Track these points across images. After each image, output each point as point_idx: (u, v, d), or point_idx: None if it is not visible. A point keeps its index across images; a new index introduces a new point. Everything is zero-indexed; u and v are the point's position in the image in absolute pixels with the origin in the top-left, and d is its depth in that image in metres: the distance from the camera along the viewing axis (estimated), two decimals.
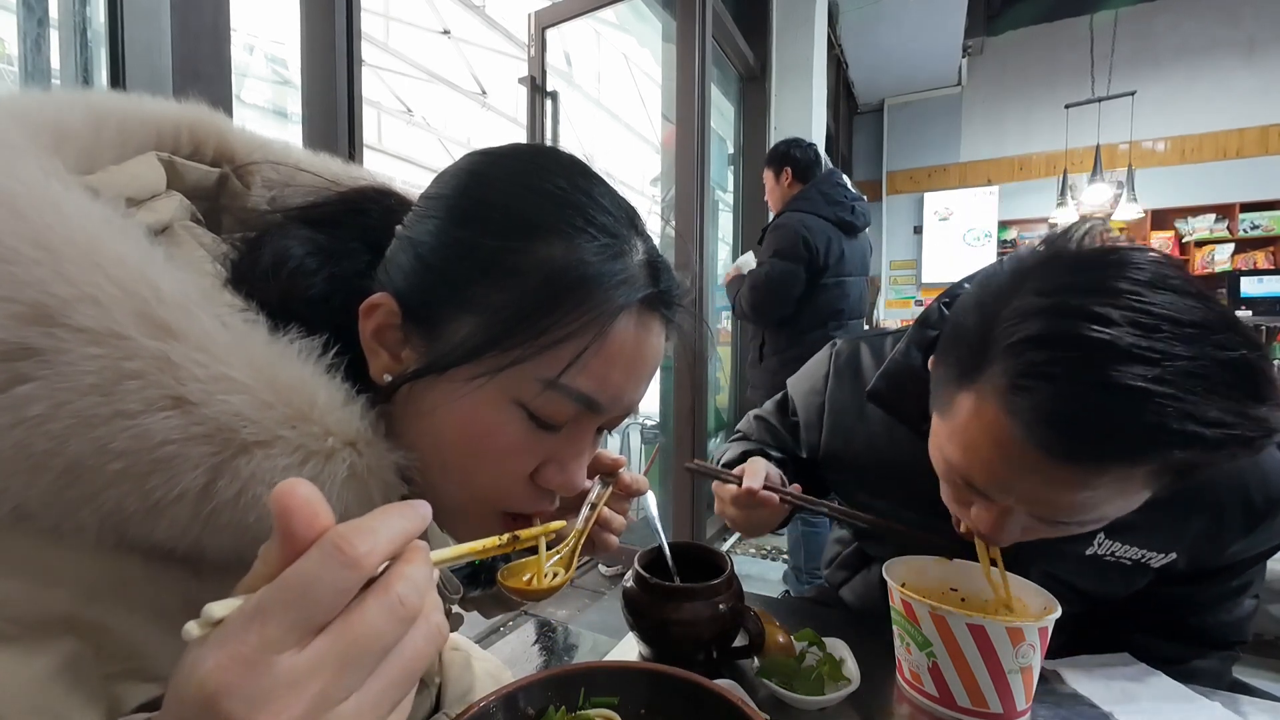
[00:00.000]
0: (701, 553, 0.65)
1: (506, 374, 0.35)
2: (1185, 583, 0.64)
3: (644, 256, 0.39)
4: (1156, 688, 0.57)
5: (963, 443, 0.50)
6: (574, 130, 4.89)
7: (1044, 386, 0.43)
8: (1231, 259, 4.83)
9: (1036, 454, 0.44)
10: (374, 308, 0.37)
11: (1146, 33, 5.06)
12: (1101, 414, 0.41)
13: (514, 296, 0.35)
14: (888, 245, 6.01)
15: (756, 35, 3.23)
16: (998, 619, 0.50)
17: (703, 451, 2.36)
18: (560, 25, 2.64)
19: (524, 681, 0.42)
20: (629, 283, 0.36)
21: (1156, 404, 0.39)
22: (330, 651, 0.20)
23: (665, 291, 0.39)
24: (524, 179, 0.38)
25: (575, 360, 0.35)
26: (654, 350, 0.40)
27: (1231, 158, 4.90)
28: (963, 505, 0.55)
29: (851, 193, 2.14)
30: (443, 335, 0.36)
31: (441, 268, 0.36)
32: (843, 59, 4.91)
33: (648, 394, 0.44)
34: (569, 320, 0.34)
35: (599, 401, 0.37)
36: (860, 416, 0.74)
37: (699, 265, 2.27)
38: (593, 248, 0.36)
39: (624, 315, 0.36)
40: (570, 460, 0.39)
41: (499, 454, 0.37)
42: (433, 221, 0.37)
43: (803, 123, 3.21)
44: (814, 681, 0.55)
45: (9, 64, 0.89)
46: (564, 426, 0.38)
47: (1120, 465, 0.43)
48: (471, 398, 0.36)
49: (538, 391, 0.35)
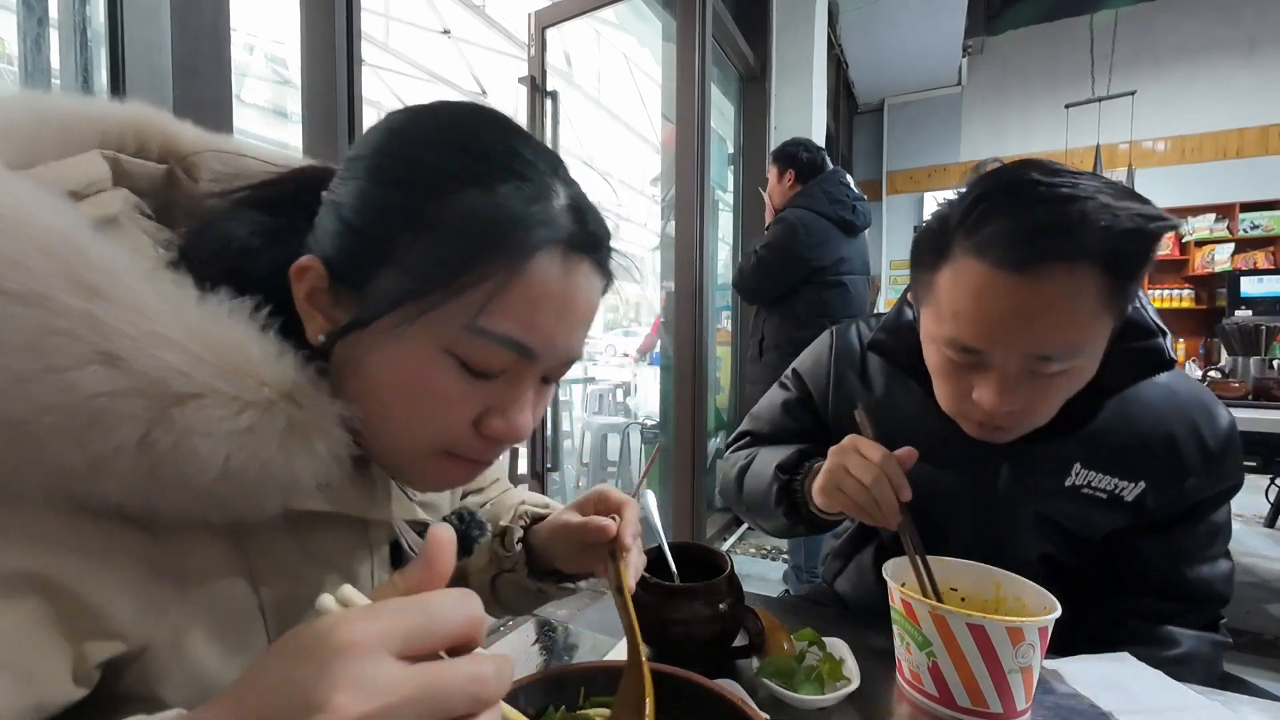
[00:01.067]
0: (701, 553, 0.65)
1: (432, 322, 0.36)
2: (1159, 531, 0.69)
3: (567, 201, 0.39)
4: (1157, 688, 0.57)
5: (950, 310, 0.59)
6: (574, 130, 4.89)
7: (995, 219, 0.55)
8: (1231, 259, 4.83)
9: (1002, 277, 0.55)
10: (302, 271, 0.38)
11: (1146, 33, 5.06)
12: (1041, 220, 0.53)
13: (430, 245, 0.35)
14: (888, 245, 6.01)
15: (756, 35, 3.23)
16: (998, 619, 0.50)
17: (702, 451, 2.36)
18: (560, 25, 2.64)
19: (524, 681, 0.42)
20: (547, 224, 0.37)
21: (1080, 200, 0.52)
22: (417, 678, 0.22)
23: (592, 235, 0.39)
24: (440, 133, 0.38)
25: (489, 302, 0.35)
26: (584, 295, 0.40)
27: (1231, 158, 4.90)
28: (964, 397, 0.62)
29: (854, 192, 2.16)
30: (368, 291, 0.37)
31: (362, 226, 0.37)
32: (843, 59, 4.91)
33: (648, 394, 0.44)
34: (484, 263, 0.35)
35: (529, 346, 0.38)
36: (863, 377, 0.82)
37: (699, 265, 2.27)
38: (507, 191, 0.36)
39: (543, 256, 0.37)
40: (512, 409, 0.40)
41: (436, 403, 0.38)
42: (353, 183, 0.38)
43: (803, 123, 3.21)
44: (814, 681, 0.55)
45: (9, 64, 0.89)
46: (502, 375, 0.39)
47: (1065, 261, 0.53)
48: (403, 349, 0.36)
49: (465, 338, 0.36)
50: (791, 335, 2.10)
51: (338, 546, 0.43)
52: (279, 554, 0.39)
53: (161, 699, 0.34)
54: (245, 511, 0.34)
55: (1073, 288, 0.54)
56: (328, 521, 0.41)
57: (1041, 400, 0.60)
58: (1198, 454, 0.67)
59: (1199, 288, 5.04)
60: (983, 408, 0.60)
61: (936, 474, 0.71)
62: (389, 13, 4.71)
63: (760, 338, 2.23)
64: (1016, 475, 0.70)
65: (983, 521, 0.73)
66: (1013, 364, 0.58)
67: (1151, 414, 0.68)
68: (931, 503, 0.70)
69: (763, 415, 0.93)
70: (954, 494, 0.73)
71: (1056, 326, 0.55)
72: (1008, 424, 0.62)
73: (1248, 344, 2.25)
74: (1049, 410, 0.62)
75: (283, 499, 0.35)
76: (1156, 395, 0.69)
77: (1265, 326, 2.24)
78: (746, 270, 2.12)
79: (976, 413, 0.62)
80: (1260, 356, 2.11)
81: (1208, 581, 0.69)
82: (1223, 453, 0.68)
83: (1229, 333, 2.31)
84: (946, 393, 0.66)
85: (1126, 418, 0.68)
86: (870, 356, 0.82)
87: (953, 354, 0.61)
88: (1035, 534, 0.71)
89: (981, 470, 0.72)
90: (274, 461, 0.33)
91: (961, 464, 0.72)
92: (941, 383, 0.66)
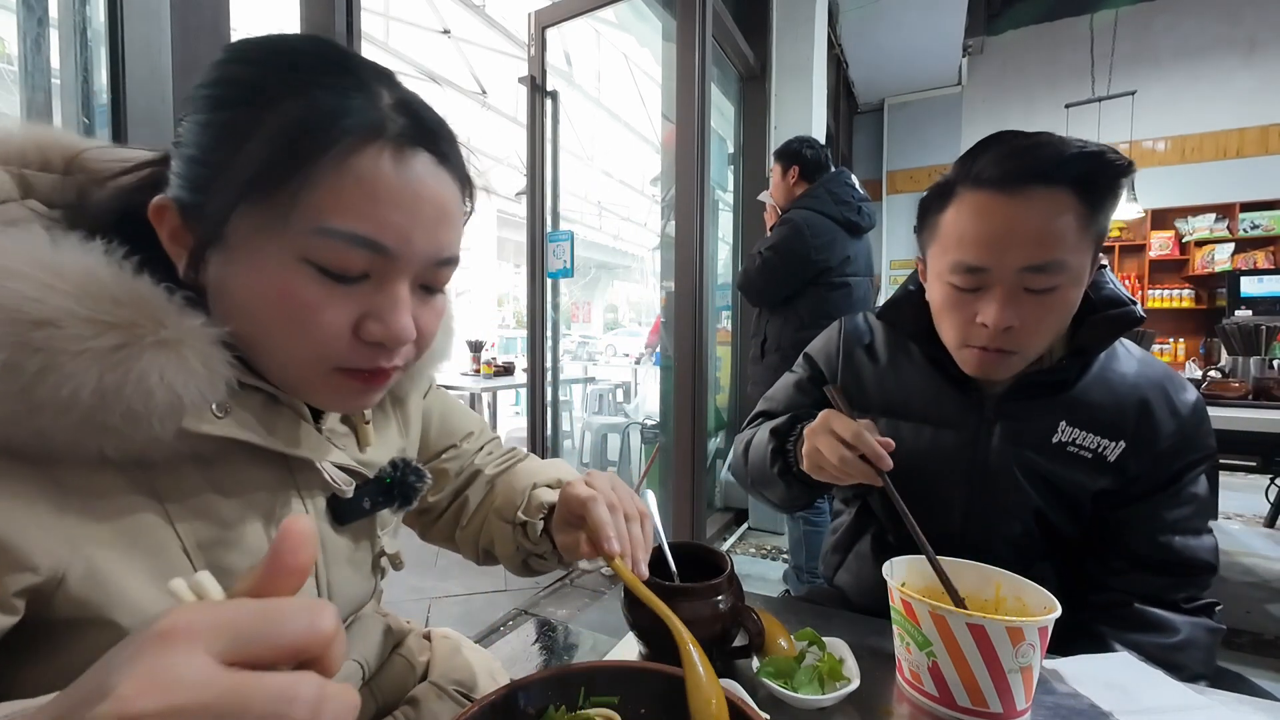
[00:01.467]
0: (701, 552, 0.65)
1: (279, 232, 0.37)
2: (1143, 499, 0.74)
3: (393, 100, 0.40)
4: (1157, 688, 0.57)
5: (955, 238, 0.69)
6: (574, 130, 4.89)
7: (988, 151, 0.68)
8: (1231, 259, 4.83)
9: (995, 199, 0.66)
10: (159, 213, 0.40)
11: (1146, 32, 5.06)
12: (1022, 145, 0.67)
13: (252, 153, 0.37)
14: (888, 245, 6.01)
15: (756, 35, 3.22)
16: (998, 618, 0.50)
17: (702, 451, 2.36)
18: (560, 25, 2.64)
19: (524, 681, 0.42)
20: (364, 117, 0.38)
21: (1056, 138, 0.66)
22: (220, 684, 0.20)
23: (424, 128, 0.40)
24: (258, 55, 0.40)
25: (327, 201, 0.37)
26: (429, 189, 0.40)
27: (1231, 157, 4.90)
28: (968, 323, 0.71)
29: (859, 193, 2.14)
30: (210, 212, 0.38)
31: (198, 154, 0.39)
32: (843, 58, 4.91)
33: (648, 393, 0.44)
34: (306, 162, 0.36)
35: (380, 242, 0.39)
36: (869, 351, 0.89)
37: (699, 265, 2.27)
38: (321, 94, 0.38)
39: (371, 151, 0.38)
40: (387, 312, 0.40)
41: (304, 312, 0.39)
42: (187, 120, 0.40)
43: (803, 122, 3.21)
44: (814, 682, 0.55)
45: (9, 64, 0.89)
46: (368, 278, 0.40)
47: (1045, 184, 0.64)
48: (260, 263, 0.38)
49: (314, 241, 0.37)
50: (794, 337, 2.08)
51: (255, 484, 0.44)
52: (186, 487, 0.40)
53: (118, 623, 0.36)
54: (137, 435, 0.35)
55: (1054, 208, 0.65)
56: (238, 454, 0.42)
57: (1035, 320, 0.68)
58: (1170, 418, 0.74)
59: (1199, 288, 5.04)
60: (985, 326, 0.68)
61: (935, 433, 0.80)
62: (389, 13, 4.71)
63: (763, 339, 2.22)
64: (1008, 431, 0.77)
65: (979, 478, 0.78)
66: (1009, 279, 0.67)
67: (1128, 382, 0.76)
68: (930, 461, 0.80)
69: (777, 396, 0.98)
70: (952, 453, 0.79)
71: (1044, 240, 0.65)
72: (1007, 344, 0.69)
73: (1248, 344, 2.25)
74: (1041, 334, 0.69)
75: (174, 419, 0.36)
76: (1130, 368, 0.77)
77: (1265, 326, 2.23)
78: (752, 272, 2.11)
79: (979, 338, 0.70)
80: (1260, 356, 2.10)
81: (1194, 551, 0.72)
82: (1194, 421, 0.75)
83: (1229, 333, 2.30)
84: (951, 324, 0.73)
85: (1105, 382, 0.76)
86: (875, 334, 0.90)
87: (957, 279, 0.70)
88: (1027, 490, 0.76)
89: (976, 429, 0.78)
90: (149, 377, 0.34)
91: (958, 424, 0.79)
92: (946, 317, 0.74)
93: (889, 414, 0.84)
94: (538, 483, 0.63)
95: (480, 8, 4.51)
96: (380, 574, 0.57)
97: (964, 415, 0.79)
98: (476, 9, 4.51)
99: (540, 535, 0.60)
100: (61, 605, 0.35)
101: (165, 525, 0.39)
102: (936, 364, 0.81)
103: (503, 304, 13.44)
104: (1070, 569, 0.78)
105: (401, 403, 0.61)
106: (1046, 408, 0.75)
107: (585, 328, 7.19)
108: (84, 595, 0.35)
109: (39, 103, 0.87)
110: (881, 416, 0.85)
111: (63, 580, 0.34)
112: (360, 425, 0.53)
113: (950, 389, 0.80)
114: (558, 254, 2.61)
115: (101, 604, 0.36)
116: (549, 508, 0.60)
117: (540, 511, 0.60)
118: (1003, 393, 0.77)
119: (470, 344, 4.05)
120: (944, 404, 0.80)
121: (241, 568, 0.42)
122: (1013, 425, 0.76)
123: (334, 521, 0.49)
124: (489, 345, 4.19)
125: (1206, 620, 0.71)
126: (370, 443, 0.54)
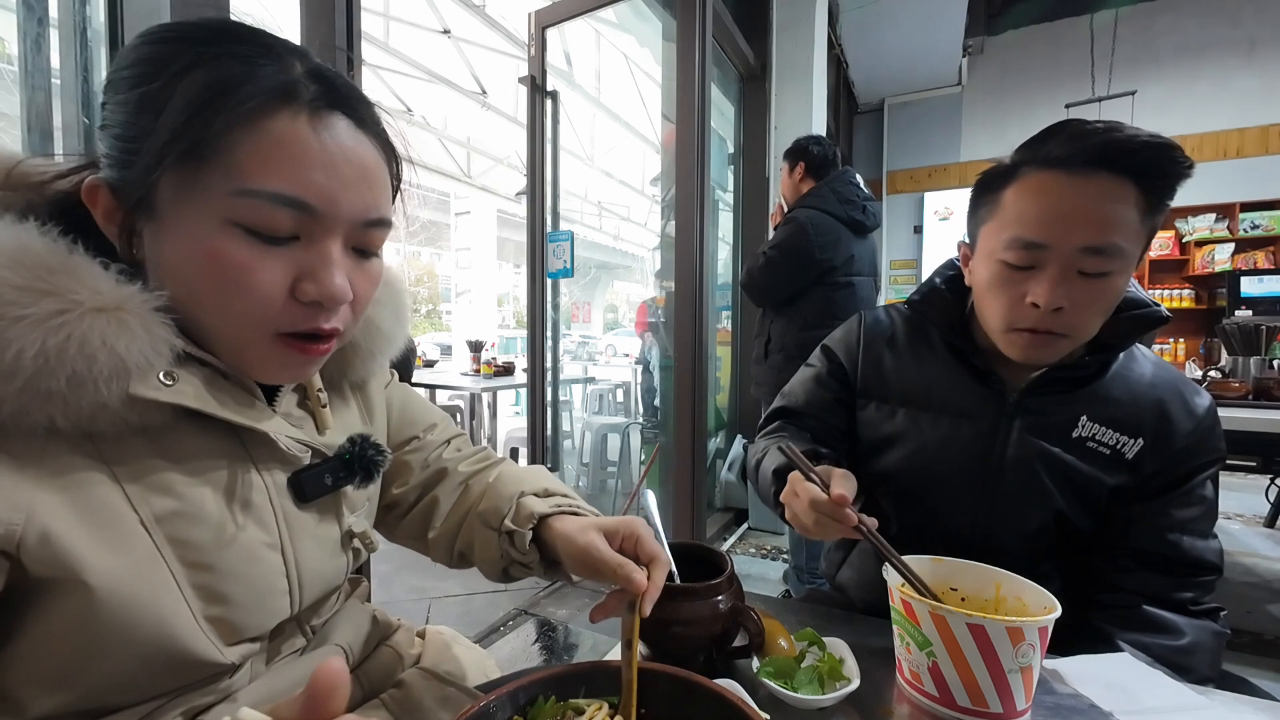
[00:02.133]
0: (701, 552, 0.65)
1: (202, 198, 0.39)
2: (1155, 497, 0.74)
3: (304, 69, 0.41)
4: (1157, 688, 0.57)
5: (1015, 214, 0.70)
6: (574, 130, 4.89)
7: (1058, 136, 0.68)
8: (1232, 259, 4.83)
9: (1063, 178, 0.67)
10: (92, 194, 0.41)
11: (1147, 32, 5.06)
12: (1096, 132, 0.66)
13: (169, 121, 0.38)
14: (888, 245, 6.01)
15: (756, 35, 3.23)
16: (998, 618, 0.50)
17: (702, 451, 2.36)
18: (560, 25, 2.64)
19: (524, 681, 0.42)
20: (272, 81, 0.39)
21: (1128, 128, 0.66)
22: None
23: (338, 92, 0.42)
24: (171, 35, 0.41)
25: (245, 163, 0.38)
26: (349, 149, 0.42)
27: (1231, 158, 4.90)
28: (1016, 303, 0.71)
29: (864, 192, 2.14)
30: (133, 181, 0.40)
31: (120, 133, 0.40)
32: (843, 58, 4.91)
33: (648, 394, 0.45)
34: (218, 124, 0.38)
35: (305, 201, 0.40)
36: (890, 343, 0.90)
37: (699, 265, 2.27)
38: (231, 63, 0.39)
39: (287, 114, 0.40)
40: (320, 270, 0.42)
41: (237, 274, 0.40)
42: (109, 104, 0.41)
43: (803, 122, 3.21)
44: (814, 682, 0.55)
45: (9, 63, 0.89)
46: (298, 238, 0.42)
47: (1111, 172, 0.65)
48: (189, 229, 0.39)
49: (238, 204, 0.39)
50: (799, 337, 2.08)
51: (206, 454, 0.44)
52: (136, 459, 0.41)
53: (87, 583, 0.37)
54: (84, 401, 0.36)
55: (1118, 193, 0.66)
56: (188, 425, 0.43)
57: (1086, 304, 0.68)
58: (1186, 418, 0.75)
59: (1199, 288, 5.03)
60: (1036, 307, 0.69)
61: (955, 424, 0.80)
62: (389, 13, 4.71)
63: (766, 339, 2.21)
64: (1029, 425, 0.76)
65: (997, 471, 0.78)
66: (1065, 259, 0.67)
67: (1145, 382, 0.77)
68: (949, 452, 0.80)
69: (795, 390, 0.97)
70: (971, 444, 0.79)
71: (1106, 222, 0.66)
72: (1056, 326, 0.69)
73: (1248, 344, 2.25)
74: (1089, 319, 0.70)
75: (120, 383, 0.37)
76: (1147, 370, 0.78)
77: (1265, 326, 2.23)
78: (756, 271, 2.10)
79: (1027, 319, 0.70)
80: (1260, 356, 2.10)
81: (1201, 552, 0.73)
82: (1208, 423, 0.75)
83: (1229, 333, 2.30)
84: (998, 305, 0.73)
85: (1125, 381, 0.77)
86: (895, 327, 0.91)
87: (1012, 256, 0.70)
88: (1046, 484, 0.75)
89: (997, 421, 0.78)
90: (90, 341, 0.36)
91: (978, 416, 0.79)
92: (994, 298, 0.74)
93: (908, 404, 0.85)
94: (525, 491, 0.62)
95: (480, 8, 4.51)
96: (353, 555, 0.56)
97: (984, 408, 0.79)
98: (476, 9, 4.51)
99: (529, 545, 0.59)
100: (33, 569, 0.36)
101: (121, 498, 0.40)
102: (959, 356, 0.82)
103: (503, 304, 13.44)
104: (1077, 568, 0.78)
105: (360, 388, 0.62)
106: (1068, 402, 0.76)
107: (585, 328, 7.19)
108: (44, 559, 0.36)
109: (39, 103, 0.87)
110: (901, 407, 0.85)
111: (20, 545, 0.35)
112: (317, 409, 0.54)
113: (972, 381, 0.80)
114: (558, 254, 2.61)
115: (66, 567, 0.36)
116: (538, 518, 0.59)
117: (530, 521, 0.59)
118: (1024, 386, 0.77)
119: (470, 344, 4.05)
120: (965, 396, 0.80)
121: (206, 542, 0.43)
122: (1034, 419, 0.76)
123: (296, 499, 0.50)
124: (489, 345, 4.19)
125: (1212, 624, 0.71)
126: (329, 426, 0.54)
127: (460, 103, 6.03)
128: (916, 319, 0.90)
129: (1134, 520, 0.74)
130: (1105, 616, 0.72)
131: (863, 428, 0.90)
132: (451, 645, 0.69)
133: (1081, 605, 0.74)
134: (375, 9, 4.53)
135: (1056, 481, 0.75)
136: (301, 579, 0.50)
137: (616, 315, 14.22)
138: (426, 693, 0.59)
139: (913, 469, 0.82)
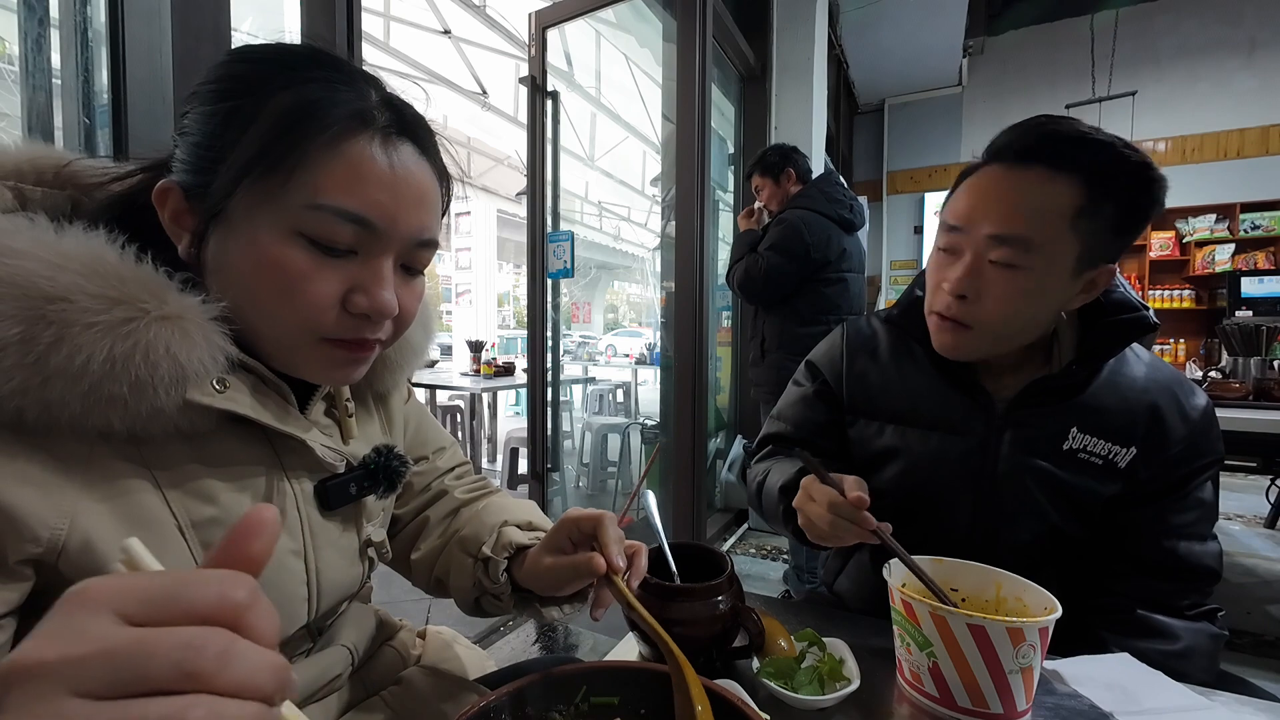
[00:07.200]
0: (702, 552, 0.65)
1: (274, 208, 0.41)
2: (1151, 502, 0.73)
3: (379, 98, 0.44)
4: (1157, 688, 0.57)
5: (953, 200, 0.72)
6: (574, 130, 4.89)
7: (1012, 129, 0.69)
8: (1232, 259, 4.83)
9: (996, 169, 0.68)
10: (163, 196, 0.43)
11: (1147, 33, 5.06)
12: (1044, 127, 0.67)
13: (254, 136, 0.41)
14: (888, 245, 6.01)
15: (756, 35, 3.23)
16: (998, 619, 0.50)
17: (702, 451, 2.36)
18: (560, 25, 2.64)
19: (524, 681, 0.42)
20: (354, 107, 0.42)
21: (1075, 122, 0.66)
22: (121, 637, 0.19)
23: (407, 121, 0.45)
24: (261, 56, 0.44)
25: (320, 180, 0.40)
26: (412, 175, 0.44)
27: (1232, 158, 4.90)
28: (936, 285, 0.73)
29: (849, 191, 2.22)
30: (213, 190, 0.42)
31: (202, 139, 0.42)
32: (843, 59, 4.91)
33: (648, 393, 0.45)
34: (302, 143, 0.40)
35: (368, 219, 0.42)
36: (873, 355, 0.88)
37: (699, 265, 2.27)
38: (316, 88, 0.42)
39: (362, 139, 0.42)
40: (373, 285, 0.44)
41: (294, 282, 0.42)
42: (193, 112, 0.43)
43: (803, 123, 3.21)
44: (814, 682, 0.55)
45: (9, 64, 0.89)
46: (356, 252, 0.43)
47: (1049, 166, 0.65)
48: (256, 236, 0.41)
49: (307, 215, 0.41)
50: (795, 332, 2.11)
51: (245, 460, 0.45)
52: (177, 463, 0.42)
53: None
54: (142, 406, 0.37)
55: (1048, 189, 0.65)
56: (230, 434, 0.44)
57: (991, 296, 0.68)
58: (1180, 422, 0.72)
59: (1199, 288, 5.04)
60: (943, 291, 0.70)
61: (944, 440, 0.78)
62: (389, 13, 4.70)
63: (761, 339, 2.23)
64: (1018, 438, 0.75)
65: (988, 485, 0.76)
66: (976, 246, 0.68)
67: (1138, 387, 0.74)
68: (939, 468, 0.78)
69: (785, 415, 0.95)
70: (960, 459, 0.77)
71: (1016, 214, 0.66)
72: (962, 315, 0.70)
73: (1248, 344, 2.25)
74: (994, 313, 0.69)
75: (179, 389, 0.39)
76: (1140, 372, 0.76)
77: (1265, 327, 2.24)
78: (755, 272, 2.11)
79: (939, 303, 0.72)
80: (1260, 357, 2.10)
81: (1199, 556, 0.71)
82: (1203, 426, 0.73)
83: (1229, 333, 2.30)
84: (929, 290, 0.75)
85: (1115, 388, 0.74)
86: (878, 338, 0.89)
87: (941, 239, 0.72)
88: (1038, 498, 0.74)
89: (986, 435, 0.76)
90: (156, 348, 0.37)
91: (967, 430, 0.77)
92: (929, 284, 0.75)
93: (896, 421, 0.83)
94: (508, 521, 0.62)
95: (480, 8, 4.51)
96: (369, 564, 0.57)
97: (972, 421, 0.77)
98: (476, 9, 4.51)
99: (501, 575, 0.58)
100: (64, 577, 0.36)
101: (161, 503, 0.41)
102: (942, 368, 0.80)
103: (503, 304, 13.45)
104: (1073, 574, 0.77)
105: (384, 400, 0.62)
106: (1057, 414, 0.74)
107: (585, 328, 7.19)
108: (82, 566, 0.37)
109: (40, 103, 0.87)
110: (889, 423, 0.84)
111: (61, 552, 0.36)
112: (344, 418, 0.55)
113: (957, 394, 0.78)
114: (558, 254, 2.61)
115: (101, 573, 0.36)
116: (515, 549, 0.59)
117: (506, 550, 0.58)
118: (1012, 398, 0.75)
119: (470, 344, 4.05)
120: (951, 410, 0.78)
121: None
122: (1023, 432, 0.75)
123: (321, 507, 0.51)
124: (489, 345, 4.18)
125: (1209, 626, 0.70)
126: (354, 435, 0.55)
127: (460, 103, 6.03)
128: (898, 330, 0.88)
129: (1130, 526, 0.73)
130: (1100, 621, 0.71)
131: (854, 445, 0.88)
132: (452, 645, 0.70)
133: (1077, 610, 0.72)
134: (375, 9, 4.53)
135: (1049, 496, 0.74)
136: (321, 587, 0.50)
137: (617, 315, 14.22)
138: (427, 690, 0.60)
139: (905, 486, 0.79)
